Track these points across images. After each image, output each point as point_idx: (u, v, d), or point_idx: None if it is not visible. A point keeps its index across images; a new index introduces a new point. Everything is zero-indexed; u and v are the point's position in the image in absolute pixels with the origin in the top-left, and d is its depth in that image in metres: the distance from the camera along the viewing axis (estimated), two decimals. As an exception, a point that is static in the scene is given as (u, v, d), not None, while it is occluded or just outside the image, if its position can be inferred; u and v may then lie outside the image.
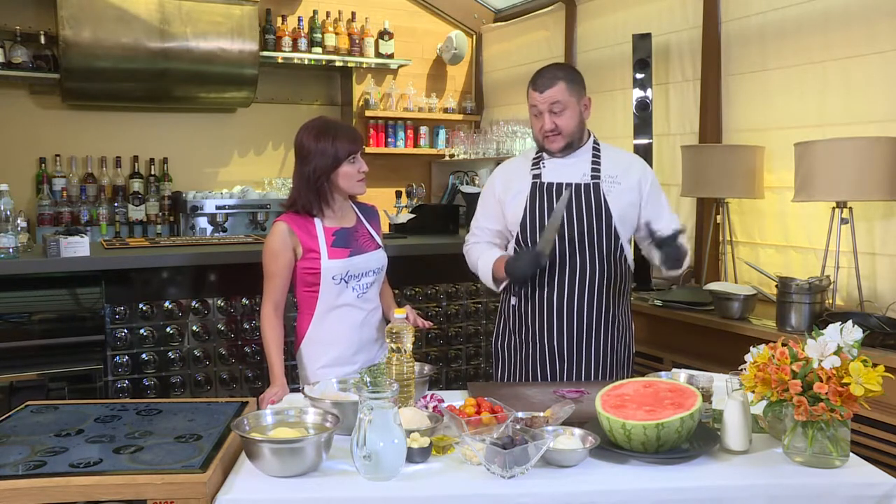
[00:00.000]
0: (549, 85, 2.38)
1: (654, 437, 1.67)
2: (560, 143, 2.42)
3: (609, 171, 2.45)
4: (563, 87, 2.38)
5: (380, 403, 1.62)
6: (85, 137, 4.92)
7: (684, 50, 3.96)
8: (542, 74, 2.42)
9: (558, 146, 2.42)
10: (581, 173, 2.44)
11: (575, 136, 2.43)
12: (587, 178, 2.43)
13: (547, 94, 2.38)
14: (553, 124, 2.39)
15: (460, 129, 5.59)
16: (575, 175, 2.44)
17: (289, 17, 5.30)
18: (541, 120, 2.41)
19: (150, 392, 3.09)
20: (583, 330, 2.43)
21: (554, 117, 2.39)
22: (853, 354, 1.66)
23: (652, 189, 2.49)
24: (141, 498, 1.58)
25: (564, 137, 2.41)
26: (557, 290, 2.41)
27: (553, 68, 2.45)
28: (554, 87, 2.37)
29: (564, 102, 2.38)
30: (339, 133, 2.34)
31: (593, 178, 2.43)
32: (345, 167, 2.34)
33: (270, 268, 2.35)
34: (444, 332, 3.73)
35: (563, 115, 2.39)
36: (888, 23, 2.96)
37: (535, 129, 2.46)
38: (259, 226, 4.97)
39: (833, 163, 2.83)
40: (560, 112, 2.38)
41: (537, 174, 2.48)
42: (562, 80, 2.38)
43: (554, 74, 2.40)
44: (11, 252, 2.92)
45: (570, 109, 2.39)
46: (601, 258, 2.41)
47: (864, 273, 2.99)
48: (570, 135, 2.41)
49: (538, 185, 2.46)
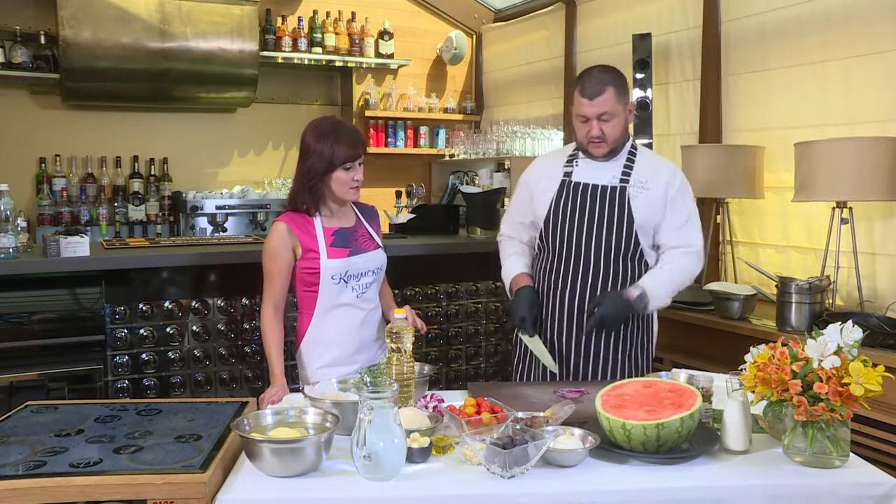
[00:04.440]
0: (598, 92, 2.30)
1: (654, 437, 1.67)
2: (604, 150, 2.39)
3: (639, 175, 2.41)
4: (613, 95, 2.31)
5: (380, 403, 1.62)
6: (85, 137, 4.91)
7: (684, 50, 3.96)
8: (590, 79, 2.34)
9: (602, 152, 2.39)
10: (611, 175, 2.41)
11: (619, 143, 2.40)
12: (615, 181, 2.41)
13: (597, 102, 2.31)
14: (600, 131, 2.34)
15: (460, 129, 5.59)
16: (605, 177, 2.41)
17: (289, 17, 5.30)
18: (587, 126, 2.35)
19: (150, 392, 3.08)
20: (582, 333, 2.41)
21: (602, 124, 2.33)
22: (853, 354, 1.66)
23: (676, 196, 2.42)
24: (141, 498, 1.58)
25: (609, 144, 2.37)
26: (570, 289, 2.41)
27: (601, 73, 2.35)
28: (604, 95, 2.30)
29: (612, 111, 2.32)
30: (340, 138, 2.33)
31: (622, 182, 2.40)
32: (339, 173, 2.33)
33: (270, 268, 2.35)
34: (444, 332, 3.72)
35: (611, 123, 2.33)
36: (888, 23, 2.96)
37: (580, 133, 2.39)
38: (259, 226, 4.97)
39: (833, 163, 2.83)
40: (608, 120, 2.33)
41: (569, 172, 2.46)
42: (611, 87, 2.31)
43: (603, 80, 2.32)
44: (11, 252, 2.92)
45: (617, 117, 2.34)
46: (618, 261, 2.39)
47: (864, 273, 2.99)
48: (615, 142, 2.38)
49: (567, 183, 2.44)
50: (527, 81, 5.32)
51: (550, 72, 5.08)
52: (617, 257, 2.39)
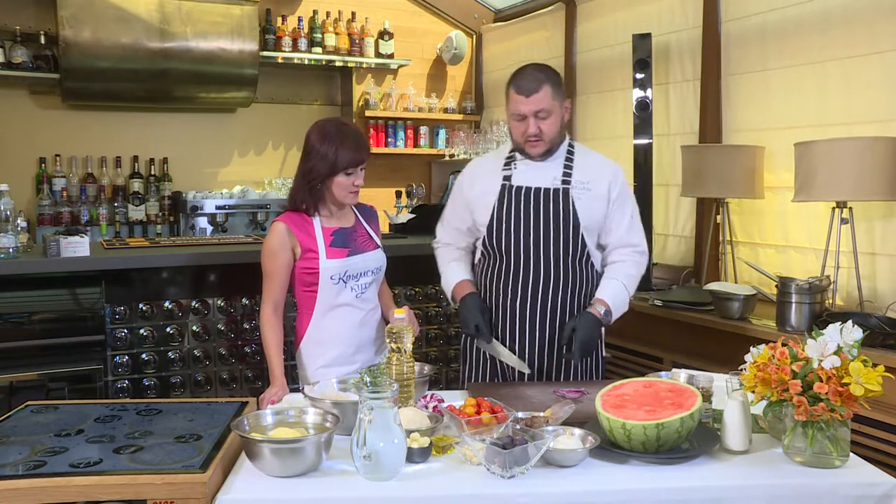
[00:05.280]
0: (534, 89, 2.28)
1: (654, 437, 1.67)
2: (542, 149, 2.36)
3: (580, 176, 2.39)
4: (549, 92, 2.29)
5: (380, 403, 1.62)
6: (85, 137, 4.91)
7: (684, 50, 3.96)
8: (525, 76, 2.32)
9: (539, 151, 2.36)
10: (552, 178, 2.38)
11: (556, 141, 2.37)
12: (557, 182, 2.37)
13: (533, 99, 2.28)
14: (538, 129, 2.31)
15: (460, 129, 5.59)
16: (545, 179, 2.38)
17: (289, 17, 5.30)
18: (524, 124, 2.32)
19: (150, 392, 3.08)
20: (545, 335, 2.39)
21: (539, 122, 2.31)
22: (853, 354, 1.66)
23: (620, 195, 2.41)
24: (141, 498, 1.58)
25: (546, 143, 2.35)
26: (521, 296, 2.37)
27: (535, 70, 2.34)
28: (539, 92, 2.28)
29: (549, 108, 2.30)
30: (345, 142, 2.32)
31: (563, 184, 2.37)
32: (340, 178, 2.33)
33: (269, 268, 2.35)
34: (444, 332, 3.72)
35: (548, 120, 2.31)
36: (888, 23, 2.96)
37: (517, 132, 2.36)
38: (259, 226, 4.97)
39: (833, 163, 2.83)
40: (545, 118, 2.31)
41: (508, 175, 2.42)
42: (547, 84, 2.29)
43: (538, 77, 2.30)
44: (11, 252, 2.92)
45: (554, 115, 2.32)
46: (566, 265, 2.36)
47: (864, 273, 2.99)
48: (552, 140, 2.35)
49: (508, 187, 2.40)
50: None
51: (550, 72, 5.08)
52: (565, 261, 2.36)
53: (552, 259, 2.36)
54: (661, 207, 4.09)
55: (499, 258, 2.41)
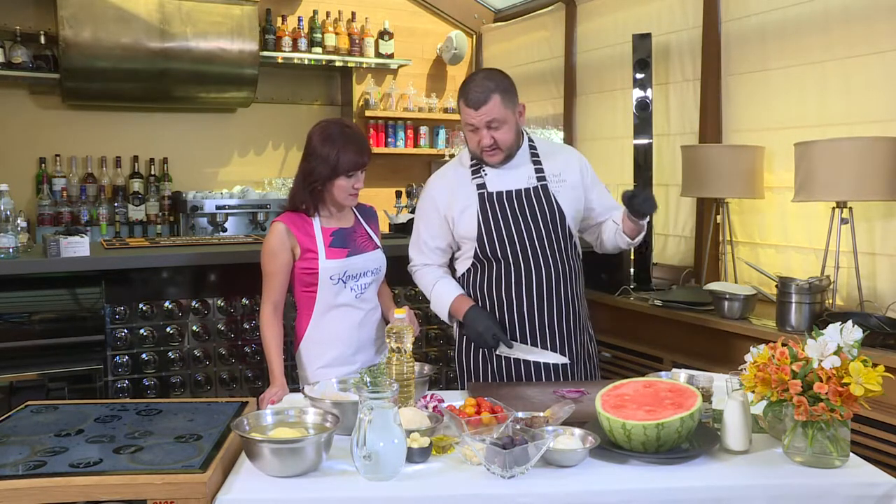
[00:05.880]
0: (483, 101, 2.23)
1: (654, 437, 1.67)
2: (499, 157, 2.34)
3: (551, 169, 2.40)
4: (499, 101, 2.24)
5: (380, 403, 1.62)
6: (85, 137, 4.91)
7: (684, 50, 3.96)
8: (473, 87, 2.26)
9: (498, 160, 2.34)
10: (526, 177, 2.38)
11: (514, 148, 2.35)
12: (533, 181, 2.38)
13: (482, 111, 2.24)
14: (492, 139, 2.28)
15: (460, 130, 5.58)
16: (520, 180, 2.38)
17: (289, 17, 5.30)
18: (478, 135, 2.29)
19: (150, 392, 3.08)
20: (554, 328, 2.39)
21: (492, 132, 2.28)
22: (853, 354, 1.66)
23: (592, 176, 2.48)
24: (141, 498, 1.58)
25: (504, 151, 2.32)
26: (526, 298, 2.37)
27: (483, 79, 2.28)
28: (489, 104, 2.23)
29: (501, 117, 2.26)
30: (347, 145, 2.32)
31: (539, 181, 2.38)
32: (340, 180, 2.33)
33: (269, 268, 2.35)
34: (444, 332, 3.72)
35: (501, 129, 2.28)
36: (888, 23, 2.95)
37: (472, 143, 2.34)
38: (259, 226, 4.97)
39: (833, 163, 2.83)
40: (498, 127, 2.27)
41: (481, 184, 2.39)
42: (495, 94, 2.24)
43: (486, 87, 2.24)
44: (11, 252, 2.92)
45: (507, 123, 2.28)
46: (556, 257, 2.38)
47: (864, 273, 2.99)
48: (509, 147, 2.33)
49: (485, 195, 2.38)
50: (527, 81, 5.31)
51: (550, 72, 5.08)
52: (557, 255, 2.38)
53: (544, 255, 2.37)
54: (661, 207, 4.08)
55: (493, 265, 2.40)
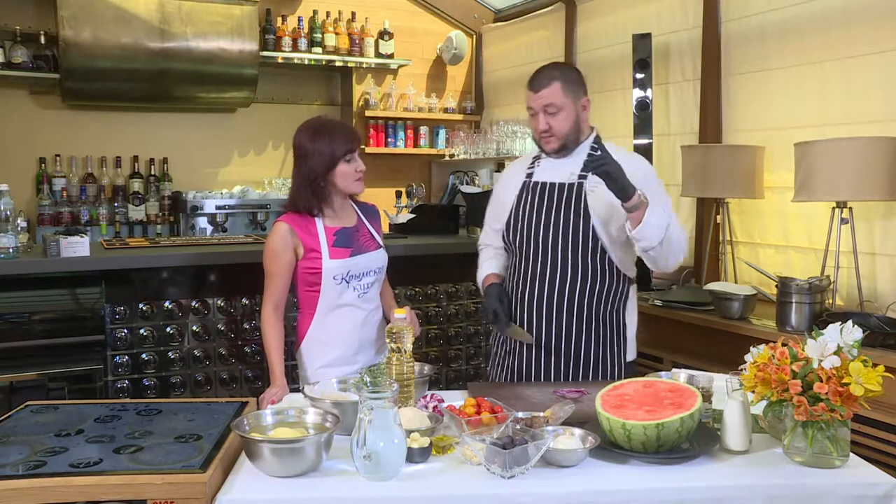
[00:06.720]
0: (544, 85, 2.33)
1: (654, 437, 1.67)
2: (554, 145, 2.38)
3: None
4: (559, 88, 2.33)
5: (380, 403, 1.62)
6: (85, 137, 4.92)
7: (684, 50, 3.96)
8: (539, 74, 2.39)
9: (552, 147, 2.39)
10: (569, 173, 2.40)
11: (570, 138, 2.38)
12: (574, 177, 2.39)
13: (541, 94, 2.33)
14: (547, 125, 2.35)
15: (460, 129, 5.59)
16: (563, 175, 2.41)
17: (289, 17, 5.30)
18: (536, 120, 2.38)
19: (150, 392, 3.08)
20: (561, 333, 2.38)
21: (548, 118, 2.34)
22: (853, 354, 1.66)
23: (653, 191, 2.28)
24: (141, 498, 1.58)
25: (558, 139, 2.36)
26: (538, 290, 2.39)
27: (550, 68, 2.40)
28: (549, 88, 2.33)
29: (559, 104, 2.33)
30: (335, 132, 2.34)
31: (579, 179, 2.39)
32: (342, 167, 2.34)
33: (271, 268, 2.35)
34: (444, 332, 3.73)
35: (558, 116, 2.34)
36: (888, 23, 2.95)
37: (532, 128, 2.43)
38: (259, 226, 4.97)
39: (833, 163, 2.83)
40: (555, 113, 2.34)
41: (530, 173, 2.48)
42: (557, 81, 2.33)
43: (550, 74, 2.35)
44: (11, 252, 2.92)
45: (565, 111, 2.34)
46: (577, 259, 2.35)
47: (864, 273, 2.99)
48: (565, 136, 2.37)
49: (527, 184, 2.45)
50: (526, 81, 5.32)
51: (550, 72, 5.08)
52: (576, 254, 2.35)
53: (563, 253, 2.36)
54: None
55: (517, 253, 2.46)
